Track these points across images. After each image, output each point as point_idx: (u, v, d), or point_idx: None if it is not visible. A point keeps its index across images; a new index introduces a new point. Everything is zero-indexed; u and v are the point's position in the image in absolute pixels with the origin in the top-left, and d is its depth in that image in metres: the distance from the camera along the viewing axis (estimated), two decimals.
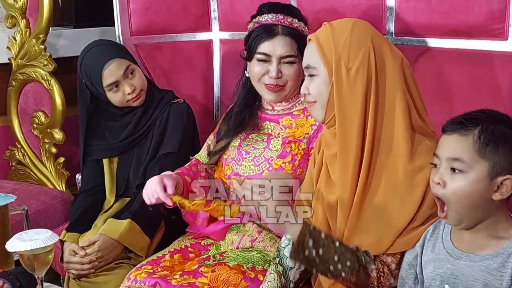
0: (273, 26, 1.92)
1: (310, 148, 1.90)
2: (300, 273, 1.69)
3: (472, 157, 1.31)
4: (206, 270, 1.78)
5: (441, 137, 1.39)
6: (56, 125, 2.79)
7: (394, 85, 1.52)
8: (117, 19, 2.49)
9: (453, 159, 1.33)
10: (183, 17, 2.56)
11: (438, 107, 1.90)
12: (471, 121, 1.34)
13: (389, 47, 1.55)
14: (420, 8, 1.91)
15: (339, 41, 1.53)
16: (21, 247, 1.54)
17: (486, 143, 1.31)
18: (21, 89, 2.87)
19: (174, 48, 2.57)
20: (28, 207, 2.01)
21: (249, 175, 1.94)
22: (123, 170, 2.24)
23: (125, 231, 2.00)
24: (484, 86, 1.81)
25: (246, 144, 2.00)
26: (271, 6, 1.97)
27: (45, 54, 2.75)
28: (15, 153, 2.93)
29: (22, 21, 2.78)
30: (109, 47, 2.19)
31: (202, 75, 2.62)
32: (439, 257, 1.43)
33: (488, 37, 1.79)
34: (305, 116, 1.97)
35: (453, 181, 1.33)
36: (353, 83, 1.51)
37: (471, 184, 1.32)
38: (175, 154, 2.14)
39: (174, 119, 2.19)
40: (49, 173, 2.87)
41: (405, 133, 1.51)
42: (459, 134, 1.34)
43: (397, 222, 1.49)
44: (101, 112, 2.25)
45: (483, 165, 1.31)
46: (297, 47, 1.91)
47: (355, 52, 1.52)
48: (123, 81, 2.13)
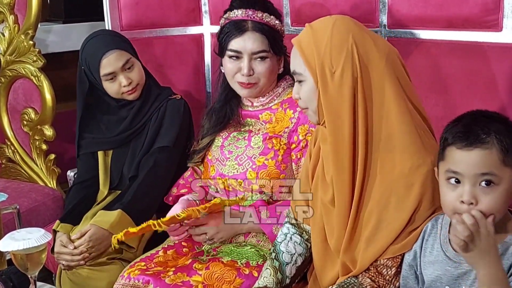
0: (242, 22, 1.90)
1: (291, 143, 1.90)
2: (297, 268, 1.69)
3: (501, 168, 1.28)
4: (200, 267, 1.78)
5: (453, 151, 1.32)
6: (47, 121, 2.76)
7: (382, 81, 1.49)
8: (107, 13, 2.47)
9: (482, 174, 1.28)
10: (173, 11, 2.55)
11: (433, 100, 1.90)
12: (485, 131, 1.29)
13: (373, 41, 1.51)
14: (414, 0, 1.90)
15: (320, 46, 1.50)
16: (13, 247, 1.52)
17: (507, 150, 1.27)
18: (10, 86, 2.85)
19: (165, 43, 2.56)
20: (19, 205, 1.98)
21: (234, 175, 1.94)
22: (117, 163, 2.23)
23: (115, 221, 1.99)
24: (479, 78, 1.80)
25: (228, 143, 1.99)
26: (242, 0, 1.94)
27: (34, 50, 2.72)
28: (5, 151, 2.91)
29: (11, 17, 2.75)
30: (112, 38, 2.19)
31: (193, 69, 2.61)
32: (438, 259, 1.40)
33: (482, 29, 1.78)
34: (283, 109, 1.96)
35: (487, 196, 1.28)
36: (339, 86, 1.49)
37: (505, 195, 1.28)
38: (170, 148, 2.14)
39: (170, 115, 2.19)
40: (40, 170, 2.85)
41: (401, 127, 1.47)
42: (481, 148, 1.28)
43: (394, 224, 1.46)
44: (98, 104, 2.25)
45: (510, 172, 1.28)
46: (269, 42, 1.90)
47: (337, 54, 1.49)
48: (121, 73, 2.12)
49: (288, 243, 1.69)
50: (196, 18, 2.58)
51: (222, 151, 1.99)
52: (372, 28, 1.97)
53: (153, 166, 2.11)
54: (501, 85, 1.75)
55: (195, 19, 2.58)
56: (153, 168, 2.11)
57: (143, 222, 1.92)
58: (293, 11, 2.19)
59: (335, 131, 1.52)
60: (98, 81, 2.15)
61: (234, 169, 1.95)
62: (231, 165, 1.96)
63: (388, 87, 1.49)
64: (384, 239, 1.47)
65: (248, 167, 1.92)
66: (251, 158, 1.92)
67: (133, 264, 1.85)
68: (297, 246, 1.69)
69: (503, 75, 1.74)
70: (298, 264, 1.68)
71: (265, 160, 1.90)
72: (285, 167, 1.89)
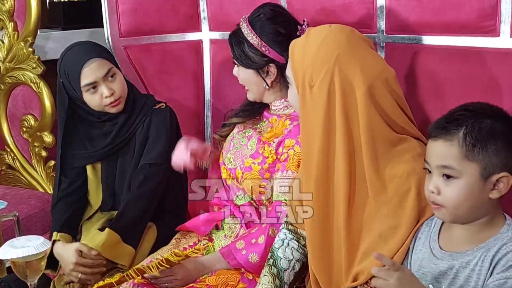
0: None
1: (278, 153, 1.88)
2: (295, 274, 1.69)
3: (461, 162, 1.28)
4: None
5: (428, 141, 1.36)
6: (46, 128, 2.76)
7: (361, 105, 1.48)
8: (106, 20, 2.47)
9: (442, 166, 1.31)
10: (172, 18, 2.54)
11: (430, 105, 1.90)
12: (454, 123, 1.30)
13: (360, 64, 1.50)
14: (411, 6, 1.90)
15: (306, 56, 1.52)
16: (13, 255, 1.53)
17: (472, 145, 1.27)
18: (9, 93, 2.85)
19: (163, 49, 2.55)
20: (19, 212, 1.98)
21: (230, 168, 1.98)
22: (107, 179, 2.18)
23: (105, 241, 1.95)
24: (477, 83, 1.80)
25: (237, 137, 2.02)
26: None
27: (34, 57, 2.73)
28: (4, 157, 2.91)
29: (10, 24, 2.75)
30: (92, 47, 2.13)
31: (192, 75, 2.60)
32: (425, 256, 1.41)
33: (480, 34, 1.79)
34: (284, 119, 1.95)
35: (447, 188, 1.31)
36: (315, 101, 1.50)
37: (465, 189, 1.29)
38: (159, 164, 2.09)
39: (156, 127, 2.13)
40: (40, 176, 2.85)
41: (384, 144, 1.48)
42: (444, 139, 1.30)
43: (392, 242, 1.47)
44: (80, 120, 2.18)
45: (474, 167, 1.28)
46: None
47: (319, 69, 1.50)
48: (102, 83, 2.06)
49: (285, 249, 1.69)
50: (194, 25, 2.57)
51: (230, 142, 2.03)
52: (369, 34, 1.97)
53: (143, 181, 2.07)
54: (499, 90, 1.75)
55: (193, 25, 2.57)
56: (143, 183, 2.07)
57: (131, 238, 1.97)
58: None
59: (308, 144, 1.54)
60: (78, 93, 2.07)
61: (230, 163, 1.98)
62: (229, 158, 1.99)
63: (361, 114, 1.48)
64: (387, 252, 1.45)
65: (238, 165, 1.94)
66: (242, 157, 1.94)
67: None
68: (295, 251, 1.69)
69: (500, 80, 1.75)
70: (296, 270, 1.68)
71: (252, 163, 1.90)
72: (269, 176, 1.88)
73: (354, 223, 1.52)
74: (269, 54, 1.88)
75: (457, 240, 1.37)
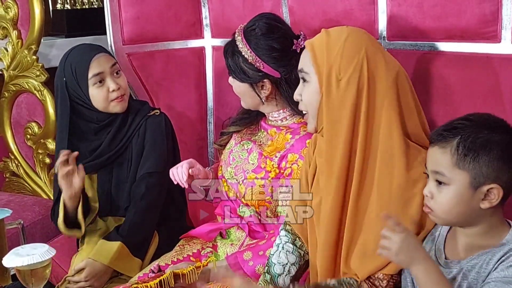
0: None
1: (280, 168, 1.88)
2: (291, 278, 1.68)
3: (451, 170, 1.30)
4: None
5: (429, 147, 1.38)
6: (50, 135, 2.77)
7: (385, 99, 1.51)
8: (109, 28, 2.48)
9: (435, 172, 1.33)
10: (175, 25, 2.56)
11: (434, 110, 1.90)
12: (451, 131, 1.32)
13: (384, 59, 1.54)
14: (412, 12, 1.91)
15: (332, 50, 1.53)
16: (18, 263, 1.54)
17: (464, 154, 1.29)
18: (13, 100, 2.87)
19: (166, 56, 2.57)
20: (23, 219, 1.98)
21: (231, 182, 1.98)
22: (104, 187, 2.17)
23: (115, 255, 1.98)
24: (478, 89, 1.81)
25: (236, 150, 2.02)
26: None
27: (38, 65, 2.75)
28: (9, 164, 2.92)
29: (14, 32, 2.77)
30: (97, 45, 2.18)
31: (195, 82, 2.61)
32: None
33: (481, 40, 1.79)
34: (285, 132, 1.95)
35: (439, 194, 1.33)
36: (342, 94, 1.51)
37: (455, 196, 1.31)
38: (158, 173, 2.09)
39: (152, 135, 2.13)
40: (44, 183, 2.86)
41: (400, 143, 1.49)
42: (439, 146, 1.33)
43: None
44: (74, 131, 2.14)
45: (464, 176, 1.29)
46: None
47: (347, 63, 1.51)
48: (109, 76, 2.08)
49: (280, 254, 1.68)
50: (197, 31, 2.59)
51: (229, 155, 2.02)
52: None
53: (146, 192, 2.07)
54: (501, 96, 1.75)
55: (196, 32, 2.59)
56: (145, 194, 2.07)
57: (141, 251, 2.01)
58: (293, 23, 2.20)
59: (331, 139, 1.54)
60: (84, 90, 2.07)
61: (231, 177, 1.98)
62: (231, 171, 1.99)
63: (390, 106, 1.50)
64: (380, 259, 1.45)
65: (240, 180, 1.94)
66: (245, 172, 1.94)
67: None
68: (290, 255, 1.68)
69: (502, 86, 1.75)
70: (292, 273, 1.67)
71: (255, 178, 1.90)
72: (272, 190, 1.88)
73: (358, 218, 1.53)
74: (263, 69, 1.88)
75: (461, 248, 1.38)
